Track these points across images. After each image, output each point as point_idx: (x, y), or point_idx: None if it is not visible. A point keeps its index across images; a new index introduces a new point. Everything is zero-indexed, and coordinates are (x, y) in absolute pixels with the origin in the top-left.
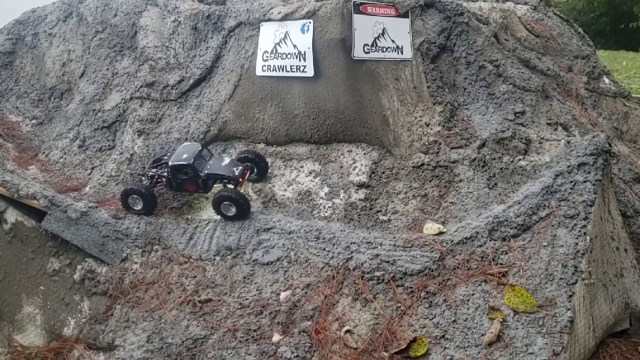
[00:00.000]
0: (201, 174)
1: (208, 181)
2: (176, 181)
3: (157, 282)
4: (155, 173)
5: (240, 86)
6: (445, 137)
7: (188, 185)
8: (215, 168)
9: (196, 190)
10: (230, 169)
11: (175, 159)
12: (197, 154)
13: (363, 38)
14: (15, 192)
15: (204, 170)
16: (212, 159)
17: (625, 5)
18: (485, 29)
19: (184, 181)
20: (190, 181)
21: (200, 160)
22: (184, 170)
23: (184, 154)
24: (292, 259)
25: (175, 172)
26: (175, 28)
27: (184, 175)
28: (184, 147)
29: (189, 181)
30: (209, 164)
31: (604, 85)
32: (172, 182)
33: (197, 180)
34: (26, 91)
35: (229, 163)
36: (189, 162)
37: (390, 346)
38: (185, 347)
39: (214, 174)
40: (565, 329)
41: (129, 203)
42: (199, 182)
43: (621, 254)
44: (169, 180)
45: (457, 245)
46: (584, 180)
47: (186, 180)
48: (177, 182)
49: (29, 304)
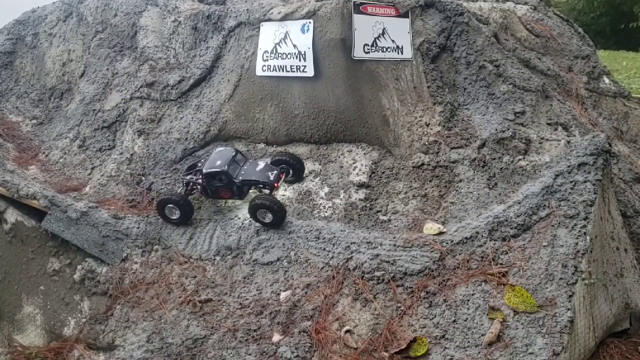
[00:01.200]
0: (235, 180)
1: (243, 187)
2: (211, 188)
3: (157, 282)
4: (190, 180)
5: (240, 86)
6: (445, 137)
7: (223, 192)
8: (250, 173)
9: (231, 197)
10: (265, 173)
11: (208, 166)
12: (230, 159)
13: (363, 38)
14: (15, 192)
15: (239, 176)
16: (246, 163)
17: (625, 5)
18: (485, 29)
19: (218, 188)
20: (225, 188)
21: (234, 166)
22: (218, 177)
23: (218, 160)
24: (292, 259)
25: (209, 179)
26: (175, 28)
27: (219, 182)
28: (217, 152)
29: (224, 188)
30: (243, 169)
31: (604, 85)
32: (206, 189)
33: (231, 186)
34: (26, 91)
35: (263, 168)
36: (222, 169)
37: (390, 346)
38: (185, 347)
39: (248, 180)
40: (565, 329)
41: (166, 213)
42: (234, 188)
43: (621, 254)
44: (203, 188)
45: (457, 245)
46: (584, 180)
47: (221, 187)
48: (211, 189)
49: (29, 304)
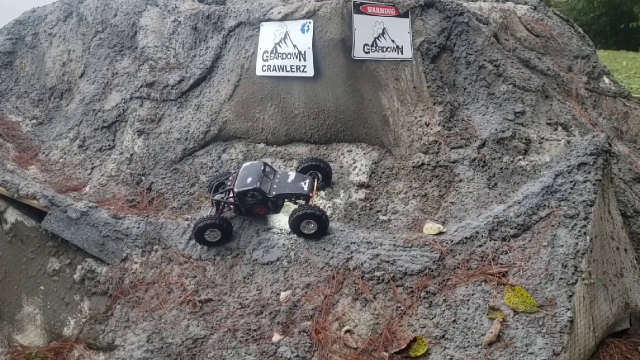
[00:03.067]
0: (269, 195)
1: (277, 201)
2: (245, 206)
3: (157, 282)
4: (221, 200)
5: (240, 86)
6: (445, 137)
7: (258, 209)
8: (283, 187)
9: (267, 213)
10: (298, 184)
11: (240, 185)
12: (261, 174)
13: (363, 38)
14: (15, 192)
15: (272, 191)
16: (276, 176)
17: (625, 5)
18: (485, 29)
19: (252, 205)
20: (260, 204)
21: (265, 181)
22: (250, 194)
23: (248, 177)
24: (292, 258)
25: (242, 197)
26: (175, 28)
27: (252, 199)
28: (245, 168)
29: (258, 204)
30: (275, 182)
31: (604, 85)
32: (240, 208)
33: (266, 202)
34: (26, 91)
35: (295, 178)
36: (255, 186)
37: (390, 346)
38: (185, 347)
39: (283, 193)
40: (565, 329)
41: (207, 239)
42: (269, 204)
43: (621, 253)
44: (236, 207)
45: (457, 245)
46: (584, 180)
47: (255, 204)
48: (245, 207)
49: (29, 304)
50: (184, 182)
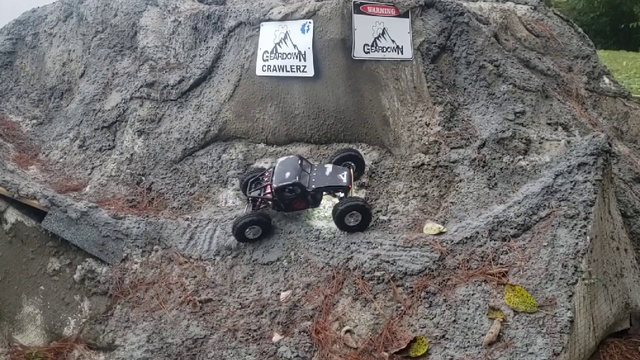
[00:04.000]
0: (309, 189)
1: (317, 195)
2: (284, 202)
3: (157, 282)
4: (258, 196)
5: (241, 86)
6: (445, 137)
7: (297, 203)
8: (322, 180)
9: (306, 207)
10: (337, 177)
11: (278, 180)
12: (298, 169)
13: (363, 38)
14: (16, 192)
15: (311, 184)
16: (313, 169)
17: (625, 5)
18: (485, 29)
19: (292, 200)
20: (299, 199)
21: (303, 175)
22: (290, 190)
23: (286, 172)
24: (292, 258)
25: (281, 193)
26: (175, 28)
27: (291, 193)
28: (282, 163)
29: (298, 199)
30: (312, 176)
31: (604, 85)
32: (279, 203)
33: (305, 196)
34: (26, 91)
35: (332, 171)
36: (294, 181)
37: (390, 346)
38: (185, 347)
39: (322, 187)
40: (565, 329)
41: (248, 236)
42: (308, 198)
43: (621, 254)
44: (275, 203)
45: (457, 245)
46: (584, 180)
47: (294, 199)
48: (284, 202)
49: (29, 304)
50: (184, 182)
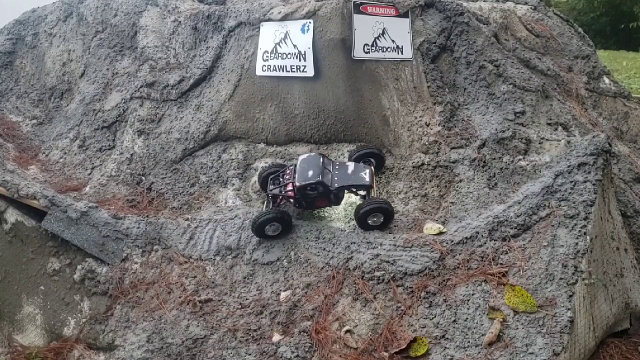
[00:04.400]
0: (332, 188)
1: (339, 193)
2: (306, 200)
3: (157, 282)
4: (279, 193)
5: (241, 86)
6: (445, 137)
7: (319, 201)
8: (345, 178)
9: (328, 205)
10: (359, 175)
11: (301, 179)
12: (321, 167)
13: (363, 38)
14: (15, 192)
15: (334, 183)
16: (335, 167)
17: (626, 5)
18: (486, 29)
19: (314, 199)
20: (321, 197)
21: (326, 173)
22: (312, 188)
23: (309, 171)
24: (292, 258)
25: (303, 191)
26: (175, 28)
27: (313, 192)
28: (304, 161)
29: (320, 198)
30: (335, 174)
31: (604, 85)
32: (301, 201)
33: (328, 195)
34: (26, 91)
35: (354, 169)
36: (317, 179)
37: (390, 346)
38: (185, 347)
39: (345, 185)
40: (565, 329)
41: (267, 233)
42: (331, 196)
43: (621, 253)
44: (297, 200)
45: (457, 245)
46: (584, 180)
47: (316, 198)
48: (306, 200)
49: (29, 304)
50: (184, 182)
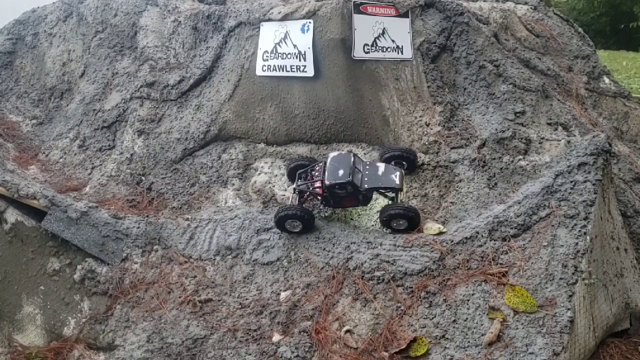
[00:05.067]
0: (361, 189)
1: (368, 194)
2: (334, 199)
3: (157, 282)
4: (306, 190)
5: (241, 86)
6: (445, 137)
7: (347, 201)
8: (375, 180)
9: (356, 205)
10: (389, 177)
11: (331, 178)
12: (352, 166)
13: (363, 38)
14: (16, 192)
15: (364, 184)
16: (365, 168)
17: (625, 5)
18: (486, 29)
19: (343, 198)
20: (350, 197)
21: (356, 173)
22: (342, 187)
23: (340, 170)
24: (292, 258)
25: (332, 190)
26: (175, 28)
27: (342, 191)
28: (334, 159)
29: (348, 197)
30: (365, 174)
31: (604, 85)
32: (328, 200)
33: (357, 195)
34: (26, 91)
35: (385, 170)
36: (348, 180)
37: (390, 346)
38: (185, 347)
39: (375, 187)
40: (565, 329)
41: (287, 228)
42: (359, 197)
43: (621, 253)
44: (324, 198)
45: (457, 245)
46: (584, 180)
47: (345, 197)
48: (335, 199)
49: (29, 304)
50: (184, 182)
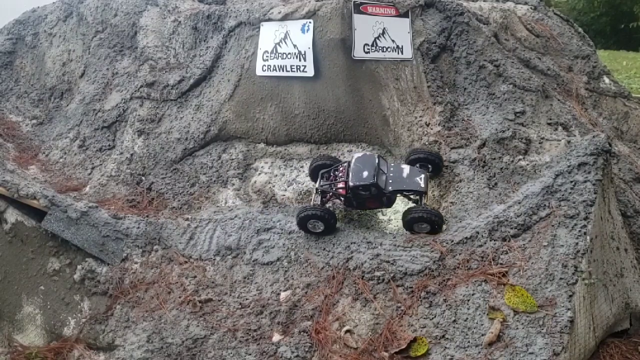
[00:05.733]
0: (385, 191)
1: (392, 197)
2: (357, 200)
3: (157, 282)
4: (328, 190)
5: (241, 86)
6: (445, 137)
7: (370, 202)
8: (400, 182)
9: (379, 207)
10: (414, 180)
11: (355, 179)
12: (376, 168)
13: (363, 38)
14: (16, 192)
15: (388, 186)
16: (390, 169)
17: (626, 5)
18: (486, 29)
19: (365, 199)
20: (373, 199)
21: (380, 174)
22: (365, 188)
23: (364, 171)
24: (292, 258)
25: (355, 191)
26: (175, 28)
27: (366, 192)
28: (359, 160)
29: (372, 199)
30: (389, 177)
31: (604, 85)
32: (352, 201)
33: (381, 197)
34: (26, 91)
35: (410, 173)
36: (372, 181)
37: (390, 346)
38: (185, 347)
39: (400, 189)
40: (566, 329)
41: (309, 228)
42: (383, 199)
43: (621, 253)
44: (347, 199)
45: (457, 245)
46: (584, 180)
47: (368, 199)
48: (358, 200)
49: (29, 304)
50: (184, 182)
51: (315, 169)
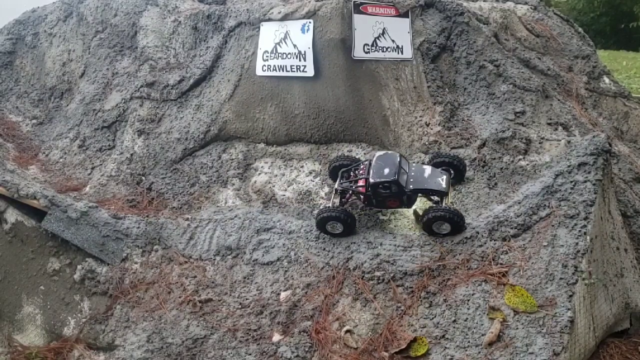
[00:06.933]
0: (406, 189)
1: (412, 196)
2: (377, 198)
3: (157, 282)
4: (348, 188)
5: (241, 86)
6: (445, 137)
7: (390, 201)
8: (421, 181)
9: (399, 206)
10: (436, 180)
11: (376, 176)
12: (398, 166)
13: (363, 38)
14: (16, 191)
15: (409, 185)
16: (411, 169)
17: (625, 5)
18: (486, 29)
19: (386, 198)
20: (394, 197)
21: (402, 173)
22: (386, 187)
23: (385, 169)
24: (292, 258)
25: (375, 189)
26: (175, 28)
27: (386, 190)
28: (380, 158)
29: (392, 198)
30: (411, 176)
31: (604, 85)
32: (371, 199)
33: (401, 196)
34: (26, 91)
35: (431, 173)
36: (393, 179)
37: (391, 346)
38: (185, 347)
39: (420, 189)
40: (566, 329)
41: (328, 229)
42: (404, 198)
43: (621, 253)
44: (367, 198)
45: (457, 245)
46: (584, 180)
47: (389, 197)
48: (377, 199)
49: (29, 304)
50: (184, 182)
51: (335, 169)
